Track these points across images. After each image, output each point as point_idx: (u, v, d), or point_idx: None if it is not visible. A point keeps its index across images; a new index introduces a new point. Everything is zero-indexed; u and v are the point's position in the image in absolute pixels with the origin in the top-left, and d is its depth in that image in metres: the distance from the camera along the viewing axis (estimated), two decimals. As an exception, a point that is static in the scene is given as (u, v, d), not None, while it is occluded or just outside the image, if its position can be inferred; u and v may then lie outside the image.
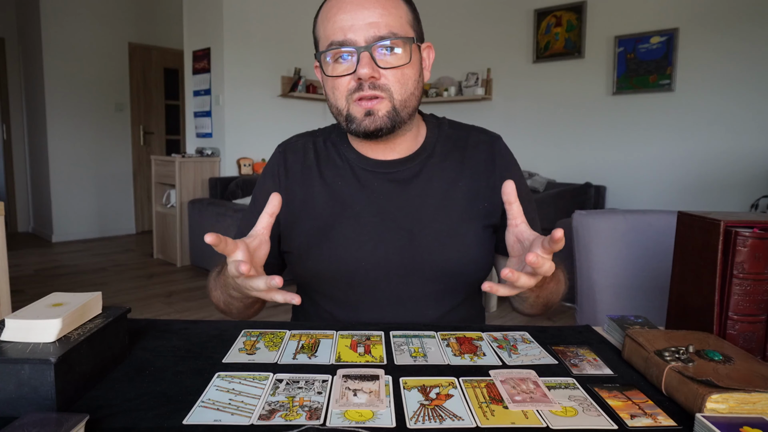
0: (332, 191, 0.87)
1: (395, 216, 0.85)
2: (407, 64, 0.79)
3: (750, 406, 0.50)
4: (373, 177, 0.87)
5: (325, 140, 0.93)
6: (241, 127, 4.40)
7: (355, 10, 0.76)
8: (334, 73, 0.79)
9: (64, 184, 5.23)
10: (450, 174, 0.88)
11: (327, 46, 0.78)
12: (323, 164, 0.90)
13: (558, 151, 4.20)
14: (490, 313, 3.31)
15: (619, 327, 0.73)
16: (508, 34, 4.45)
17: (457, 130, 0.93)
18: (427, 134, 0.91)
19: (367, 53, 0.76)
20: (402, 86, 0.79)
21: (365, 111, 0.79)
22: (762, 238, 0.64)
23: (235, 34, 4.26)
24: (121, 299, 3.37)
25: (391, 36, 0.76)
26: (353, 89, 0.78)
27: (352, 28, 0.76)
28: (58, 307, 0.57)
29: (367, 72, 0.75)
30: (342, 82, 0.79)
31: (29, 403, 0.50)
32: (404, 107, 0.80)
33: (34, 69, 5.17)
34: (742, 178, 3.37)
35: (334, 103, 0.82)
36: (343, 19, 0.76)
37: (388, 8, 0.77)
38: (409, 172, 0.87)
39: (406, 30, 0.79)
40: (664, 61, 3.60)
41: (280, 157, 0.93)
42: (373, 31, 0.76)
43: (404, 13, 0.80)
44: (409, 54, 0.79)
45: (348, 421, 0.50)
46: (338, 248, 0.84)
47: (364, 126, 0.79)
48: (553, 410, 0.52)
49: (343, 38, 0.76)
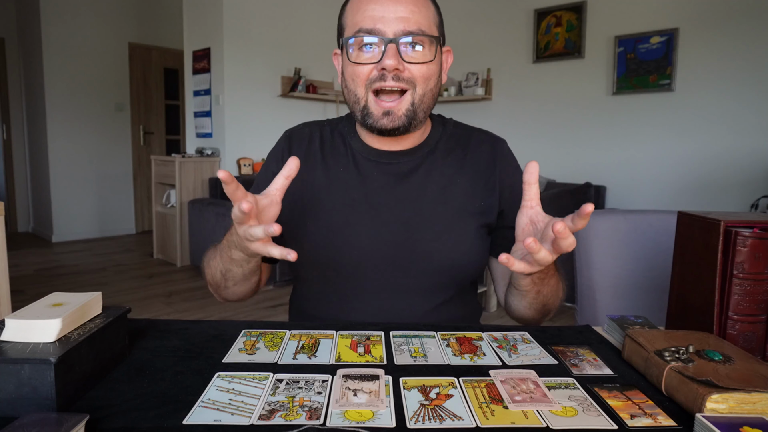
0: (331, 178, 0.88)
1: (392, 207, 0.86)
2: (431, 61, 0.80)
3: (750, 406, 0.50)
4: (373, 167, 0.88)
5: (333, 130, 0.93)
6: (241, 127, 4.40)
7: (387, 3, 0.77)
8: (358, 60, 0.79)
9: (64, 184, 5.23)
10: (450, 170, 0.88)
11: (355, 32, 0.79)
12: (327, 152, 0.91)
13: (558, 151, 4.20)
14: (490, 313, 3.31)
15: (619, 327, 0.73)
16: (508, 34, 4.45)
17: (462, 130, 0.94)
18: (432, 131, 0.92)
19: (394, 45, 0.77)
20: (425, 81, 0.80)
21: (384, 110, 0.79)
22: (762, 238, 0.64)
23: (235, 34, 4.26)
24: (121, 299, 3.37)
25: (419, 32, 0.78)
26: (374, 79, 0.79)
27: (383, 19, 0.77)
28: (58, 307, 0.57)
29: (392, 63, 0.76)
30: (363, 69, 0.79)
31: (29, 403, 0.50)
32: (422, 102, 0.81)
33: (34, 69, 5.17)
34: (742, 178, 3.37)
35: (353, 89, 0.82)
36: (374, 9, 0.78)
37: (419, 6, 0.79)
38: (409, 165, 0.88)
39: (432, 30, 0.81)
40: (664, 61, 3.60)
41: (285, 142, 0.94)
42: (402, 25, 0.77)
43: (432, 14, 0.82)
44: (434, 53, 0.80)
45: (348, 421, 0.50)
46: (334, 235, 0.85)
47: (382, 124, 0.80)
48: (553, 410, 0.52)
49: (372, 27, 0.77)
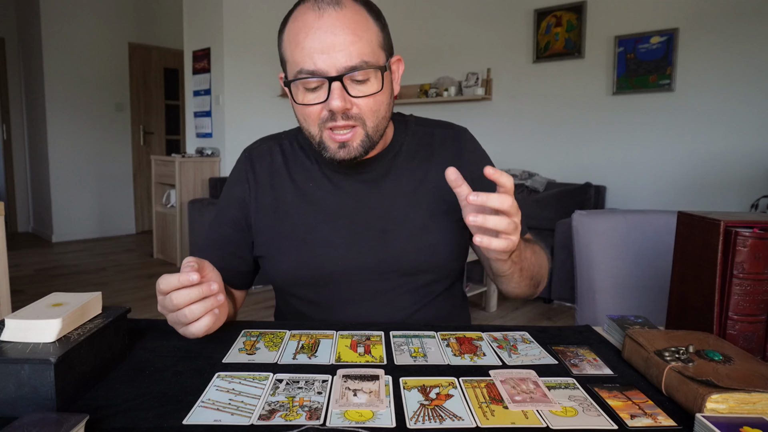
0: (303, 194, 0.87)
1: (367, 216, 0.85)
2: (379, 91, 0.76)
3: (750, 406, 0.50)
4: (343, 178, 0.87)
5: (291, 142, 0.92)
6: (241, 127, 4.40)
7: (325, 36, 0.72)
8: (304, 102, 0.76)
9: (64, 184, 5.23)
10: (418, 171, 0.88)
11: (296, 74, 0.75)
12: (292, 166, 0.89)
13: (558, 151, 4.20)
14: (490, 313, 3.31)
15: (619, 327, 0.73)
16: (508, 34, 4.44)
17: (424, 127, 0.93)
18: (395, 133, 0.90)
19: (339, 84, 0.73)
20: (374, 114, 0.77)
21: (339, 144, 0.77)
22: (762, 238, 0.64)
23: (235, 34, 4.26)
24: (121, 299, 3.37)
25: (363, 66, 0.73)
26: (325, 119, 0.76)
27: (323, 56, 0.72)
28: (58, 307, 0.57)
29: (339, 105, 0.73)
30: (313, 110, 0.76)
31: (29, 403, 0.50)
32: (376, 132, 0.79)
33: (34, 69, 5.17)
34: (742, 178, 3.37)
35: (306, 128, 0.80)
36: (312, 47, 0.73)
37: (358, 33, 0.73)
38: (378, 172, 0.87)
39: (377, 56, 0.76)
40: (664, 61, 3.59)
41: (246, 162, 0.91)
42: (344, 61, 0.72)
43: (374, 35, 0.76)
44: (381, 81, 0.76)
45: (348, 421, 0.50)
46: (312, 251, 0.84)
47: (339, 156, 0.78)
48: (553, 410, 0.52)
49: (313, 68, 0.73)
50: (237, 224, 0.90)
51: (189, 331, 0.63)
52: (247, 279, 0.94)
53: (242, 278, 0.93)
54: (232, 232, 0.90)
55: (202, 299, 0.62)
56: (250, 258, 0.92)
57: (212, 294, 0.62)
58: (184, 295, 0.60)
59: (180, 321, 0.62)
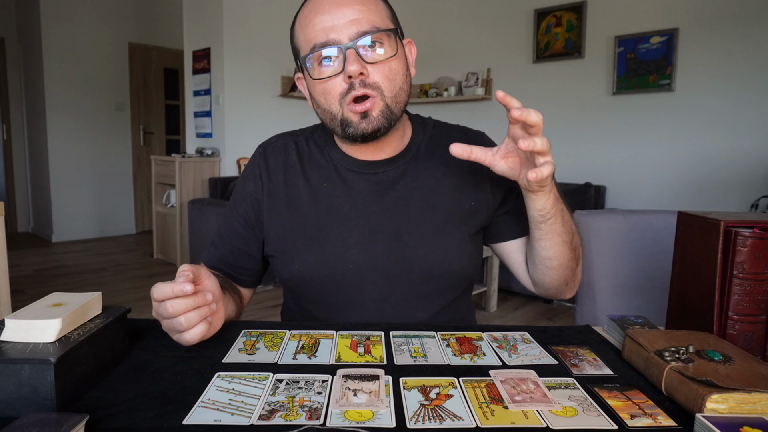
0: (317, 193, 0.86)
1: (381, 217, 0.84)
2: (394, 56, 0.77)
3: (750, 406, 0.50)
4: (358, 178, 0.86)
5: (308, 140, 0.91)
6: (241, 127, 4.40)
7: (334, 10, 0.74)
8: (321, 76, 0.76)
9: (64, 184, 5.23)
10: (435, 174, 0.87)
11: (309, 49, 0.76)
12: (307, 165, 0.88)
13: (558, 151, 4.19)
14: (490, 313, 3.31)
15: (619, 327, 0.73)
16: (508, 34, 4.44)
17: (442, 130, 0.92)
18: (413, 135, 0.90)
19: (353, 50, 0.74)
20: (391, 82, 0.77)
21: (360, 115, 0.77)
22: (762, 238, 0.64)
23: (235, 34, 4.26)
24: (121, 299, 3.37)
25: (374, 30, 0.75)
26: (345, 91, 0.76)
27: (334, 27, 0.74)
28: (58, 307, 0.57)
29: (356, 68, 0.73)
30: (333, 85, 0.76)
31: (29, 403, 0.50)
32: (396, 103, 0.79)
33: (34, 69, 5.17)
34: (742, 178, 3.37)
35: (327, 108, 0.79)
36: (323, 21, 0.75)
37: (366, 4, 0.76)
38: (394, 173, 0.86)
39: (387, 23, 0.77)
40: (664, 61, 3.59)
41: (260, 158, 0.91)
42: (355, 28, 0.74)
43: (382, 8, 0.79)
44: (395, 46, 0.77)
45: (348, 421, 0.50)
46: (325, 251, 0.83)
47: (362, 129, 0.77)
48: (553, 410, 0.52)
49: (325, 39, 0.74)
50: (247, 221, 0.89)
51: (183, 338, 0.63)
52: (254, 277, 0.93)
53: (250, 275, 0.92)
54: (242, 229, 0.90)
55: (197, 308, 0.62)
56: (259, 256, 0.91)
57: (207, 304, 0.63)
58: (180, 304, 0.61)
59: (175, 328, 0.63)
